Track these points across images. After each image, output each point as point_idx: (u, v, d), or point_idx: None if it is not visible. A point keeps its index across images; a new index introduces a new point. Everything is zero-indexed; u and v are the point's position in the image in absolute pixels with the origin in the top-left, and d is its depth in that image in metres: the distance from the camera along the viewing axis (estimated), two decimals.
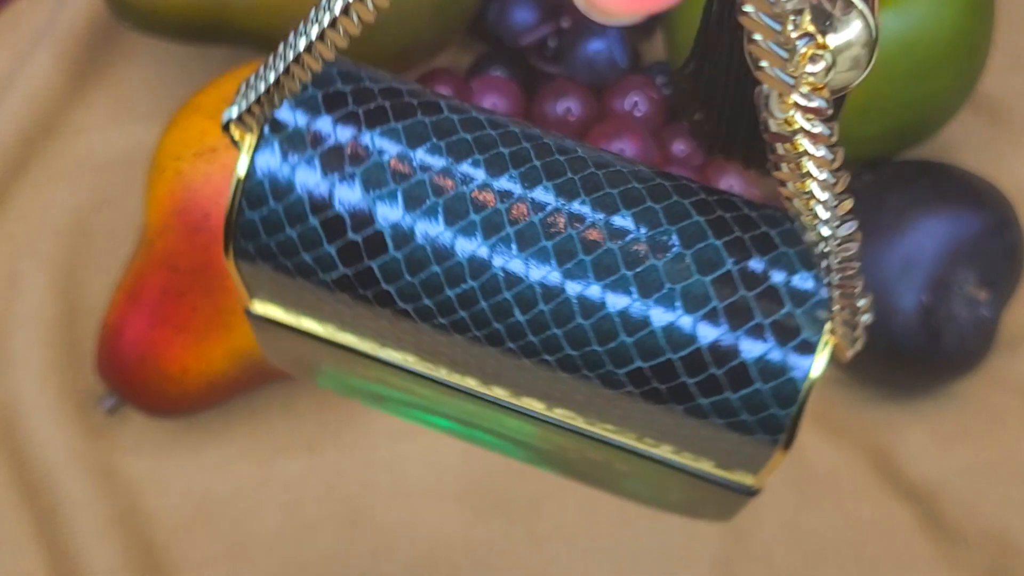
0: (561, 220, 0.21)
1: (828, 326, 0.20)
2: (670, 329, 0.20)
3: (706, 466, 0.23)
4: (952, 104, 0.40)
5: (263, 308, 0.24)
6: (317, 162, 0.21)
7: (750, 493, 0.23)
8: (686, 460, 0.23)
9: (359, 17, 0.18)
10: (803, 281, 0.20)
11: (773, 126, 0.17)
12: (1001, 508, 0.40)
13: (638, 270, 0.20)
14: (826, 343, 0.20)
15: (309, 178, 0.21)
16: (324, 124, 0.21)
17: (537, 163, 0.21)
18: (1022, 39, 0.45)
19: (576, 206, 0.21)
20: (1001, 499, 0.40)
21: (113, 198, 0.43)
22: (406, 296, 0.21)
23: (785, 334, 0.20)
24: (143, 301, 0.36)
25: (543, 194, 0.21)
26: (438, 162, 0.21)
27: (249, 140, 0.21)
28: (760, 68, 0.16)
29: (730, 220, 0.21)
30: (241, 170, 0.21)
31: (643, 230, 0.21)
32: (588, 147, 0.22)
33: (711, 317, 0.20)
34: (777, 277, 0.20)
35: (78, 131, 0.44)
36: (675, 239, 0.21)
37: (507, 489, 0.40)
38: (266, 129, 0.21)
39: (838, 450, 0.41)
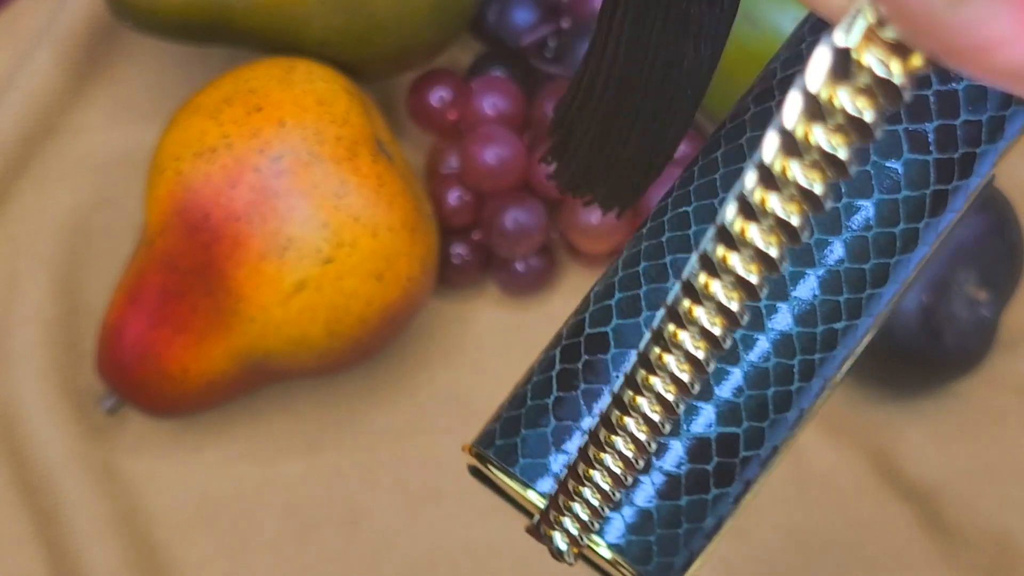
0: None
1: None
2: (908, 180, 0.21)
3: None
4: None
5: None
6: (635, 478, 0.21)
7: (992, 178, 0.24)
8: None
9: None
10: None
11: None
12: (1001, 508, 0.40)
13: (843, 190, 0.21)
14: None
15: (643, 492, 0.22)
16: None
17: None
18: None
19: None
20: (1001, 499, 0.40)
21: (113, 198, 0.43)
22: (776, 434, 0.22)
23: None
24: (143, 301, 0.36)
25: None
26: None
27: (591, 541, 0.21)
28: None
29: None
30: (610, 555, 0.21)
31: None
32: None
33: (911, 139, 0.21)
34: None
35: (78, 131, 0.44)
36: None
37: None
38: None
39: (838, 450, 0.41)
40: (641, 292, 0.22)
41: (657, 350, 0.18)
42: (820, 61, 0.13)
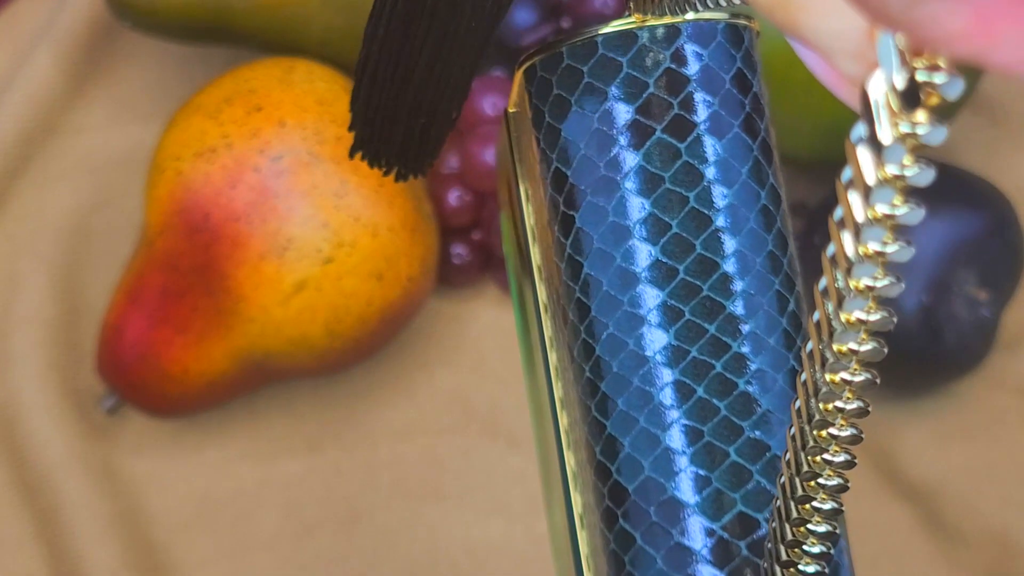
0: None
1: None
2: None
3: None
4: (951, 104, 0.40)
5: None
6: None
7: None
8: None
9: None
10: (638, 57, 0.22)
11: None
12: (1001, 508, 0.40)
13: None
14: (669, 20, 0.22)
15: None
16: None
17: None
18: None
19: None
20: (1001, 499, 0.40)
21: (113, 198, 0.43)
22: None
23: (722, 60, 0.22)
24: (143, 301, 0.36)
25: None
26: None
27: None
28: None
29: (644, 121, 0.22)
30: None
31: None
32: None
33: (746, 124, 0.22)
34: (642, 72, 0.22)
35: (78, 131, 0.44)
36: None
37: (507, 489, 0.40)
38: None
39: None
40: (620, 405, 0.22)
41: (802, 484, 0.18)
42: (865, 162, 0.13)
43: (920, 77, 0.13)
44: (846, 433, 0.16)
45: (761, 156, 0.22)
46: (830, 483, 0.17)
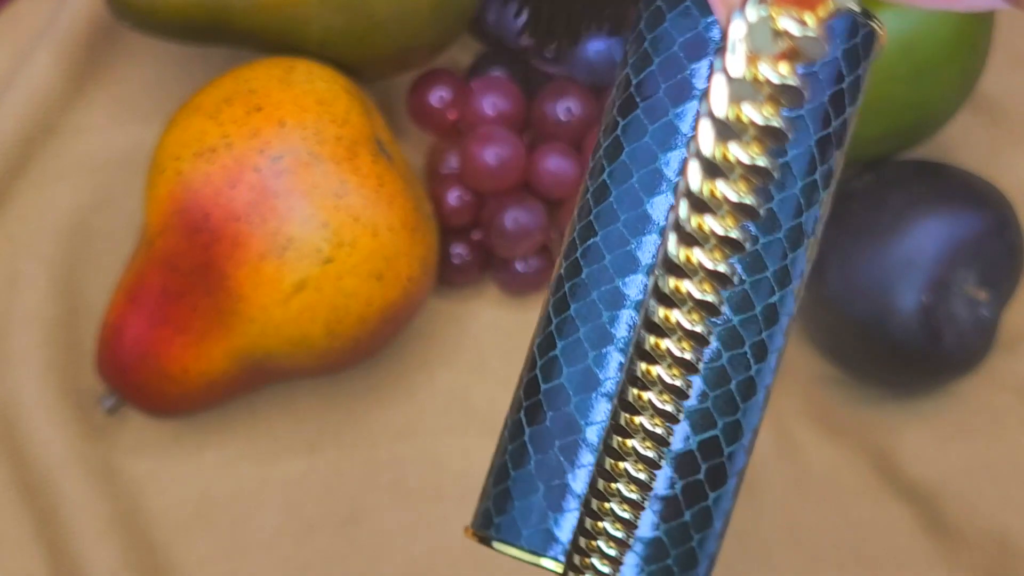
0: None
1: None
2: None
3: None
4: (952, 104, 0.40)
5: None
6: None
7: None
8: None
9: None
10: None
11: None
12: (1001, 508, 0.40)
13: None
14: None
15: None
16: None
17: None
18: (1022, 39, 0.45)
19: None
20: (1001, 499, 0.40)
21: (113, 198, 0.43)
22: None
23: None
24: (143, 301, 0.36)
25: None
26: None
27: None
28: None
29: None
30: None
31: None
32: None
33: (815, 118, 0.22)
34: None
35: (78, 131, 0.44)
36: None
37: None
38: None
39: (838, 450, 0.41)
40: (580, 335, 0.22)
41: (635, 391, 0.18)
42: (719, 87, 0.14)
43: (784, 24, 0.13)
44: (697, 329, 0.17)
45: (820, 181, 0.22)
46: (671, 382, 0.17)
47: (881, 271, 0.38)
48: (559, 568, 0.22)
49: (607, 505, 0.20)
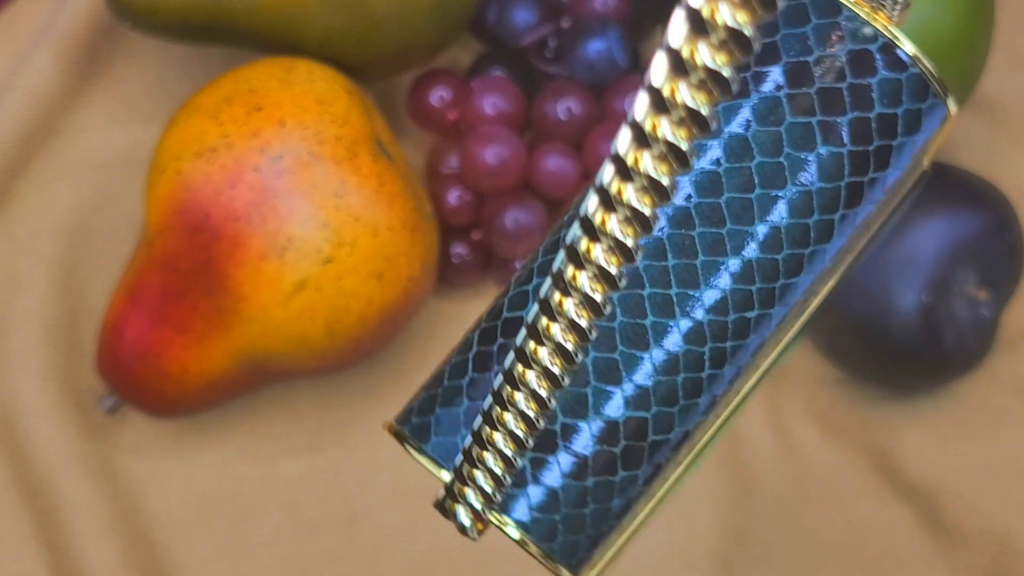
0: (674, 234, 0.21)
1: (869, 19, 0.22)
2: (821, 173, 0.21)
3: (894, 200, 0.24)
4: None
5: None
6: (542, 457, 0.22)
7: (926, 172, 0.24)
8: (882, 217, 0.24)
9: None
10: (818, 33, 0.22)
11: None
12: (1001, 508, 0.40)
13: (756, 183, 0.21)
14: (883, 28, 0.21)
15: (550, 472, 0.22)
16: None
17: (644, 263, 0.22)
18: (1022, 39, 0.45)
19: (668, 210, 0.21)
20: (1001, 499, 0.40)
21: (113, 198, 0.43)
22: (686, 419, 0.22)
23: (864, 65, 0.21)
24: (143, 301, 0.36)
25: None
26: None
27: (493, 516, 0.22)
28: None
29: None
30: (517, 535, 0.22)
31: (710, 158, 0.21)
32: None
33: (825, 130, 0.21)
34: (805, 53, 0.21)
35: (78, 131, 0.44)
36: (735, 137, 0.21)
37: None
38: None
39: (838, 450, 0.41)
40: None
41: (545, 320, 0.18)
42: (679, 21, 0.14)
43: (720, 11, 0.14)
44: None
45: (841, 221, 0.22)
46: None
47: (881, 271, 0.38)
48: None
49: (495, 435, 0.20)
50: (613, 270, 0.17)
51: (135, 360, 0.36)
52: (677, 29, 0.14)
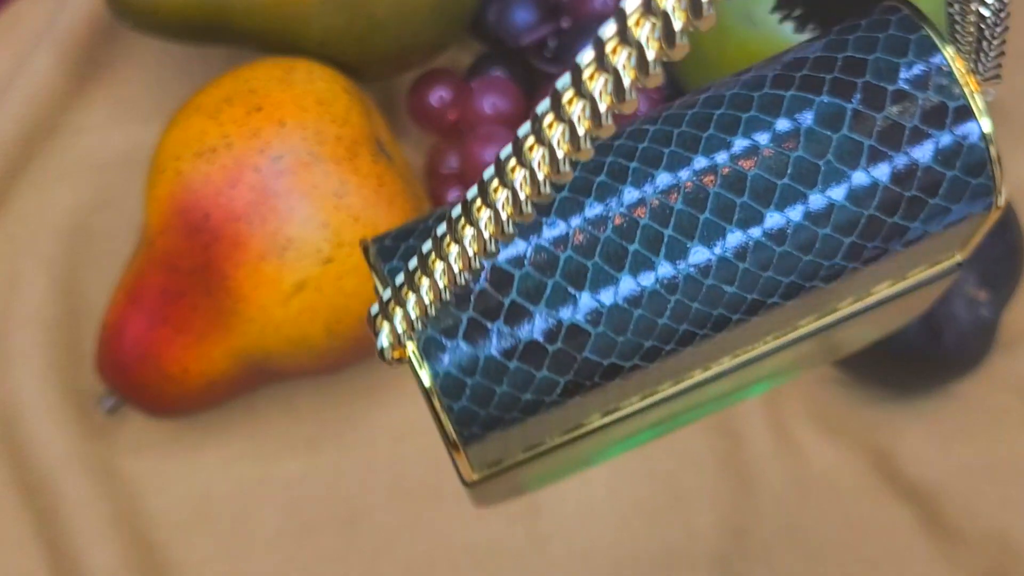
0: (694, 187, 0.21)
1: (960, 80, 0.21)
2: (851, 193, 0.21)
3: (917, 274, 0.24)
4: None
5: (480, 472, 0.24)
6: (480, 321, 0.21)
7: (960, 266, 0.24)
8: (900, 284, 0.24)
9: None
10: (909, 69, 0.21)
11: None
12: (1001, 508, 0.40)
13: (788, 172, 0.21)
14: (970, 93, 0.22)
15: (483, 338, 0.21)
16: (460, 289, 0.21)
17: (633, 164, 0.22)
18: (1022, 39, 0.45)
19: (696, 166, 0.21)
20: (1001, 499, 0.40)
21: (113, 198, 0.43)
22: (625, 354, 0.21)
23: (937, 117, 0.21)
24: (143, 301, 0.36)
25: (664, 178, 0.21)
26: (571, 225, 0.21)
27: (413, 348, 0.21)
28: None
29: (815, 74, 0.22)
30: (427, 380, 0.21)
31: (761, 138, 0.21)
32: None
33: (872, 157, 0.21)
34: (889, 81, 0.21)
35: (78, 131, 0.44)
36: (788, 123, 0.21)
37: None
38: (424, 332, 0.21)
39: (838, 450, 0.41)
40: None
41: (514, 162, 0.17)
42: None
43: None
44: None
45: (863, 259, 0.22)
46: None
47: None
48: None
49: (437, 263, 0.19)
50: (603, 107, 0.16)
51: (135, 360, 0.36)
52: None
